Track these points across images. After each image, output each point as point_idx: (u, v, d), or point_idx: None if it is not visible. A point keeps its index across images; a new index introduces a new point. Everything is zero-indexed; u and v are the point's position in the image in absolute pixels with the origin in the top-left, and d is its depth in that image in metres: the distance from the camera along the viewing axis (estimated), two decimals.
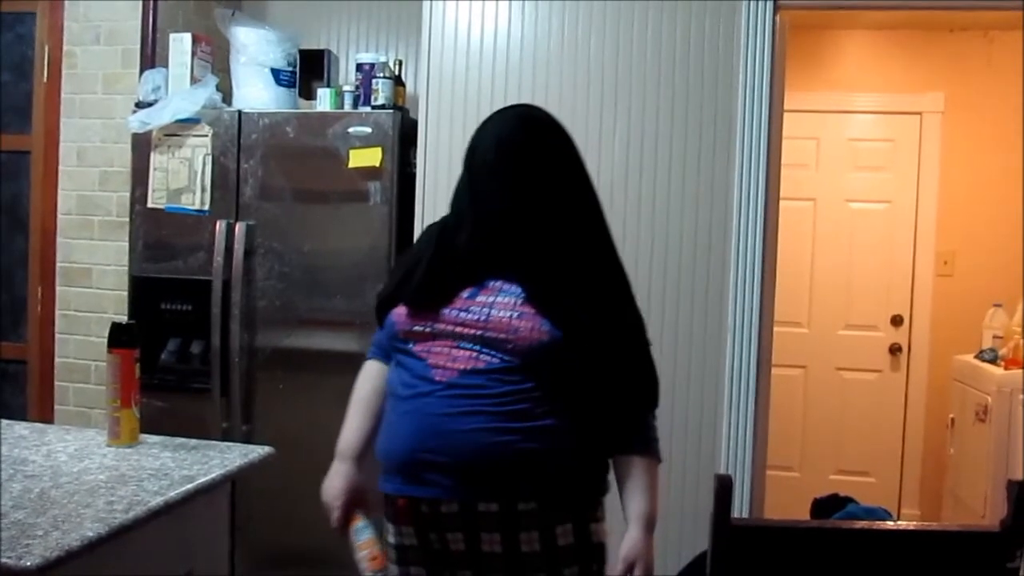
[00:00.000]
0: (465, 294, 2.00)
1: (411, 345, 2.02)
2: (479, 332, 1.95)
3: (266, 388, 3.90)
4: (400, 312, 2.05)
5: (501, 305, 1.96)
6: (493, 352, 1.94)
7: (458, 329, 1.97)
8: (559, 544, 1.98)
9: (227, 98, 4.08)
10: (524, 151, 2.02)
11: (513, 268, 2.00)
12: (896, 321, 5.65)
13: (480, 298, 1.99)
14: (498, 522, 1.96)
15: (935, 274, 5.59)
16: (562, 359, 1.96)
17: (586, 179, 2.12)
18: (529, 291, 1.96)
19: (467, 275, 2.02)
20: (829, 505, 4.40)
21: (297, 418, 3.83)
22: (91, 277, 4.25)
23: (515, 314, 1.94)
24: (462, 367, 1.95)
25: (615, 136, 3.74)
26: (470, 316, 1.97)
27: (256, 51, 4.00)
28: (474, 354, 1.95)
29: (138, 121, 3.92)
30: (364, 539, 2.09)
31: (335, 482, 2.16)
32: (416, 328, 2.01)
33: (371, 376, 2.24)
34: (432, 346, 1.99)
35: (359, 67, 3.94)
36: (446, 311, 1.99)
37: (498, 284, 2.00)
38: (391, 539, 2.10)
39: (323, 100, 3.95)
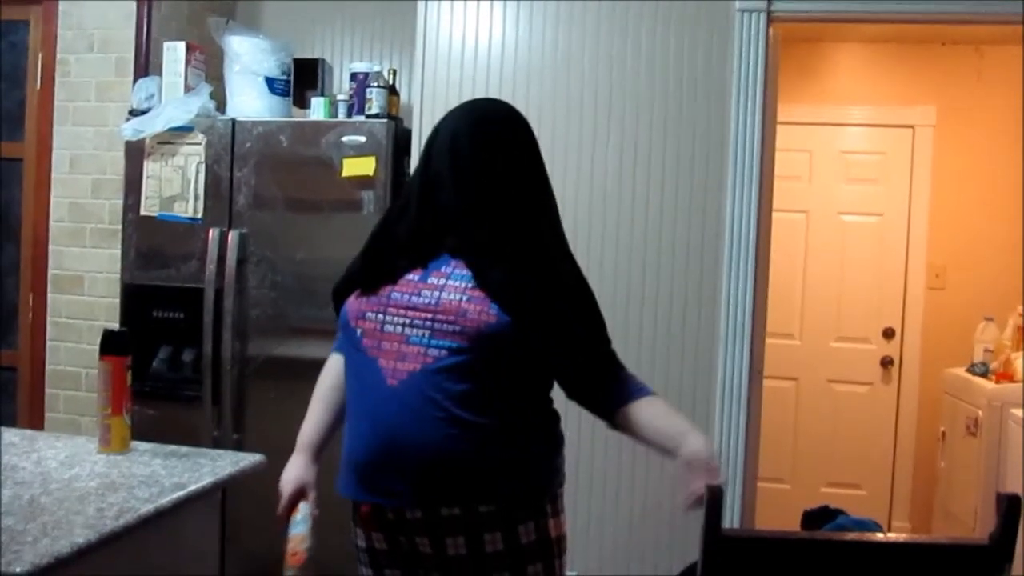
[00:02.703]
0: (415, 276, 2.00)
1: (361, 337, 2.02)
2: (429, 317, 1.95)
3: (257, 397, 3.90)
4: (352, 301, 2.06)
5: (451, 288, 1.96)
6: (442, 342, 1.93)
7: (409, 314, 1.96)
8: (522, 542, 1.99)
9: (221, 107, 4.08)
10: (479, 142, 2.04)
11: (460, 251, 2.01)
12: (888, 334, 5.66)
13: (431, 280, 1.98)
14: (461, 525, 1.97)
15: (926, 287, 5.60)
16: (511, 343, 1.95)
17: (541, 173, 2.13)
18: (476, 273, 1.96)
19: (412, 253, 2.03)
20: (819, 517, 4.39)
21: (288, 427, 3.78)
22: (83, 285, 4.25)
23: (464, 297, 1.94)
24: (411, 367, 1.94)
25: (608, 147, 3.75)
26: (420, 300, 1.97)
27: (250, 60, 4.01)
28: (422, 349, 1.94)
29: (131, 129, 3.92)
30: (294, 533, 2.10)
31: (288, 471, 2.20)
32: (368, 315, 2.01)
33: (333, 370, 2.27)
34: (382, 341, 1.98)
35: (353, 76, 3.94)
36: (396, 295, 1.99)
37: (449, 268, 1.99)
38: (361, 543, 2.11)
39: (317, 109, 3.95)
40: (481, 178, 2.02)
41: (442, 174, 2.03)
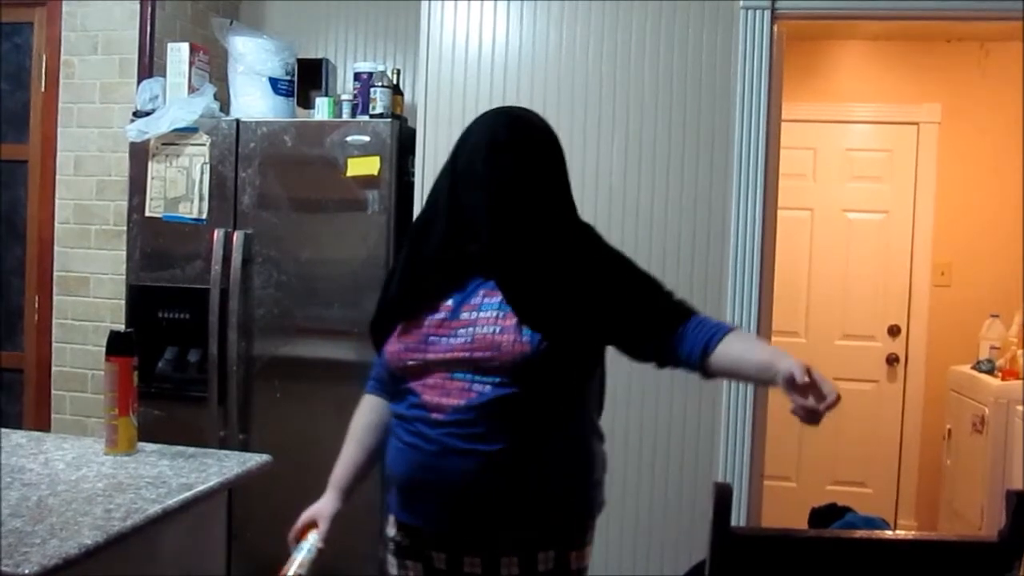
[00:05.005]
0: (447, 315, 1.98)
1: (406, 378, 2.01)
2: (468, 354, 1.93)
3: (263, 397, 3.90)
4: (392, 349, 2.03)
5: (484, 321, 1.94)
6: (484, 377, 1.92)
7: (449, 355, 1.95)
8: (539, 569, 1.98)
9: (225, 107, 4.09)
10: (510, 154, 2.01)
11: (491, 269, 1.99)
12: (893, 331, 5.65)
13: (463, 316, 1.96)
14: (481, 545, 1.98)
15: (932, 284, 5.59)
16: (550, 367, 1.93)
17: (566, 185, 2.11)
18: (509, 296, 1.95)
19: (442, 267, 2.02)
20: (827, 514, 4.40)
21: (294, 427, 3.83)
22: (88, 286, 4.25)
23: (497, 328, 1.92)
24: (455, 402, 1.93)
25: (612, 146, 3.74)
26: (458, 340, 1.95)
27: (254, 60, 4.01)
28: (466, 384, 1.93)
29: (136, 130, 3.92)
30: (295, 556, 2.10)
31: (315, 503, 2.19)
32: (410, 363, 1.99)
33: (366, 411, 2.23)
34: (427, 379, 1.97)
35: (357, 76, 3.94)
36: (434, 338, 1.97)
37: (479, 296, 1.98)
38: (391, 531, 2.12)
39: (321, 109, 3.95)
40: (517, 178, 1.99)
41: (476, 174, 2.00)
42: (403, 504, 2.05)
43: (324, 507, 2.16)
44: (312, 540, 2.12)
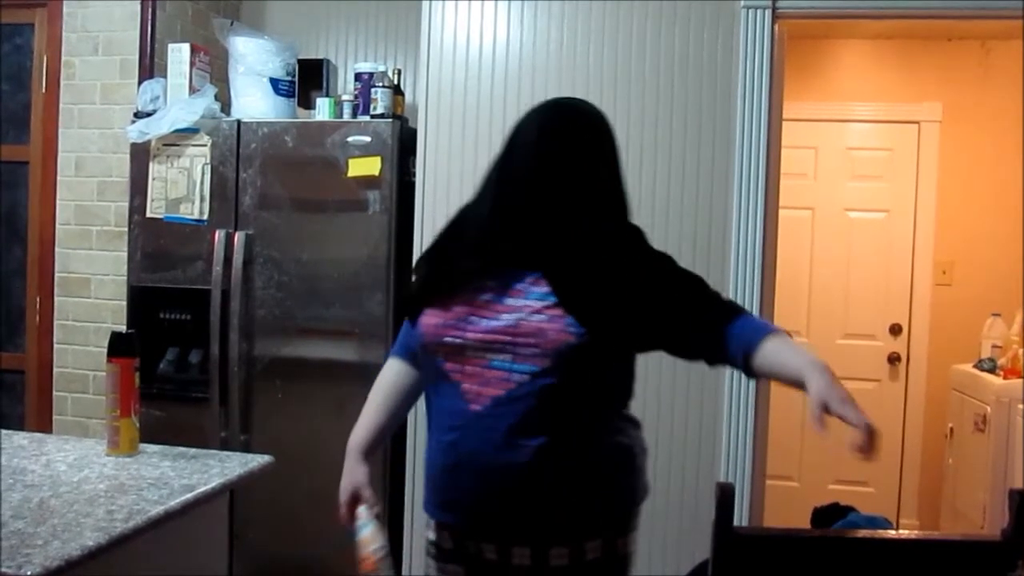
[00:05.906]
0: (492, 296, 1.95)
1: (444, 360, 1.98)
2: (509, 339, 1.91)
3: (264, 397, 3.90)
4: (429, 322, 2.00)
5: (529, 308, 1.91)
6: (524, 366, 1.90)
7: (488, 337, 1.92)
8: (588, 558, 1.97)
9: (226, 108, 4.09)
10: (560, 147, 1.99)
11: (537, 258, 1.96)
12: (895, 330, 5.65)
13: (508, 301, 1.94)
14: (529, 538, 1.96)
15: (933, 283, 5.59)
16: (593, 358, 1.92)
17: (618, 178, 2.09)
18: (555, 285, 1.92)
19: (480, 254, 1.99)
20: (830, 514, 4.39)
21: (295, 427, 3.83)
22: (89, 287, 4.25)
23: (543, 317, 1.90)
24: (494, 393, 1.91)
25: None
26: (499, 323, 1.92)
27: (254, 61, 4.01)
28: (506, 374, 1.91)
29: (137, 131, 3.92)
30: (359, 537, 2.07)
31: (343, 479, 2.16)
32: (447, 339, 1.96)
33: (390, 373, 2.22)
34: (465, 365, 1.95)
35: (358, 76, 3.94)
36: (475, 319, 1.95)
37: (525, 284, 1.95)
38: (431, 535, 2.11)
39: (322, 109, 3.95)
40: (566, 173, 1.98)
41: (525, 169, 1.99)
42: (444, 502, 2.02)
43: (357, 476, 2.14)
44: (366, 514, 2.10)
